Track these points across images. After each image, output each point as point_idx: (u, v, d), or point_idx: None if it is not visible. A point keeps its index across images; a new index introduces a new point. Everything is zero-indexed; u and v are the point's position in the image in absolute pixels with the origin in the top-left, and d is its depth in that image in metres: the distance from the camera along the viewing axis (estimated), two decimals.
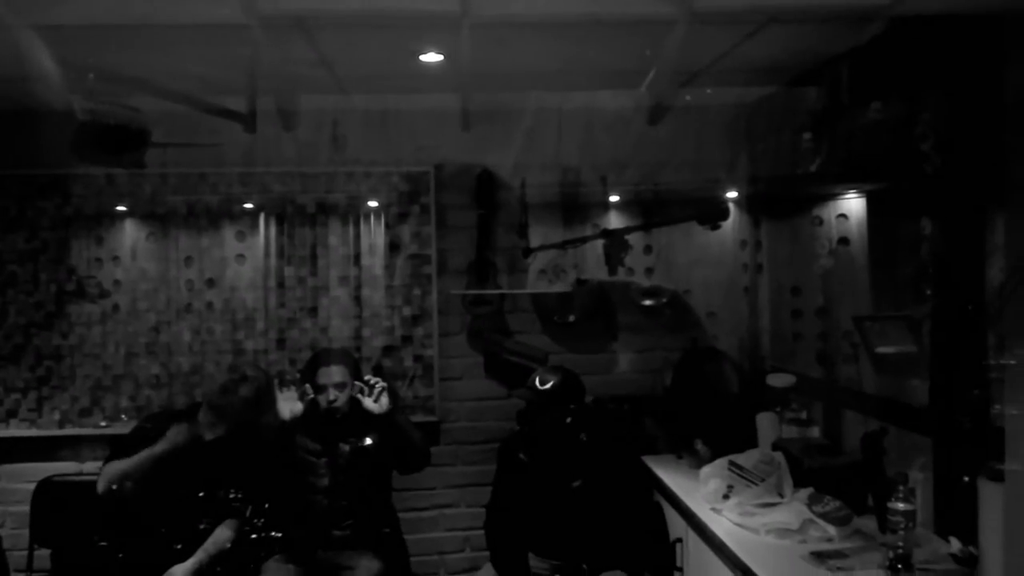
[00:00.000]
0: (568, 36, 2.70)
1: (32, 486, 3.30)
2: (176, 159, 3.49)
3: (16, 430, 3.43)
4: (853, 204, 2.96)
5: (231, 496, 2.92)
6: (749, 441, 2.95)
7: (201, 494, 2.90)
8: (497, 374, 3.60)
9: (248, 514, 2.92)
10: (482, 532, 3.07)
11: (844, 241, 2.99)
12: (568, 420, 2.83)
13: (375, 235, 3.57)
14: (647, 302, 3.56)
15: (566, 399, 2.82)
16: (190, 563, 2.78)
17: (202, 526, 2.87)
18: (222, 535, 2.88)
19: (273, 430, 2.92)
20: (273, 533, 2.87)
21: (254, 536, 2.89)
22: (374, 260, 3.57)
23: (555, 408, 2.81)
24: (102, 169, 3.44)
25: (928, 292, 2.45)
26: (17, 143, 3.39)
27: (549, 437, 2.86)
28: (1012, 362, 1.67)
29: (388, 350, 3.56)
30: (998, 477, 1.88)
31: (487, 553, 2.99)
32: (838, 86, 2.95)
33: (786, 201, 3.45)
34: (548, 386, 2.80)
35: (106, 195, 3.48)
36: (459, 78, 3.14)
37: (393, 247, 3.58)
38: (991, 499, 1.92)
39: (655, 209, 3.59)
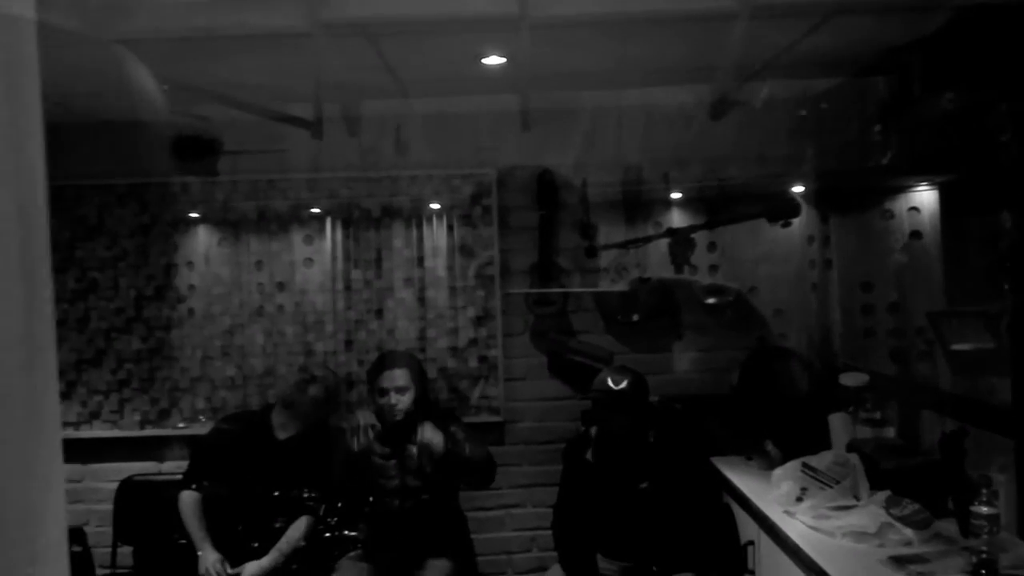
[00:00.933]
0: (627, 34, 2.69)
1: (115, 485, 3.43)
2: (247, 166, 3.58)
3: (99, 431, 3.57)
4: (925, 197, 2.88)
5: (305, 495, 2.99)
6: (821, 442, 2.89)
7: (276, 493, 2.98)
8: (561, 374, 3.60)
9: (322, 513, 2.98)
10: (548, 532, 3.08)
11: (916, 235, 2.90)
12: (637, 421, 2.82)
13: (439, 237, 3.61)
14: (711, 300, 3.52)
15: (635, 399, 2.81)
16: (266, 560, 2.86)
17: (277, 524, 2.94)
18: (296, 533, 2.95)
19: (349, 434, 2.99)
20: (347, 532, 2.93)
21: (328, 534, 2.96)
22: (438, 262, 3.61)
23: (624, 408, 2.80)
24: (177, 177, 3.56)
25: (1006, 286, 2.37)
26: (97, 154, 3.52)
27: (618, 438, 2.85)
28: None
29: (453, 351, 3.60)
30: None
31: (554, 553, 3.00)
32: (908, 76, 2.87)
33: (855, 195, 3.37)
34: (621, 386, 2.79)
35: (180, 202, 3.60)
36: (519, 79, 3.15)
37: (456, 249, 3.61)
38: None
39: (720, 206, 3.54)
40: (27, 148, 0.44)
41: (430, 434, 3.00)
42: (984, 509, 1.97)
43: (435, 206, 3.61)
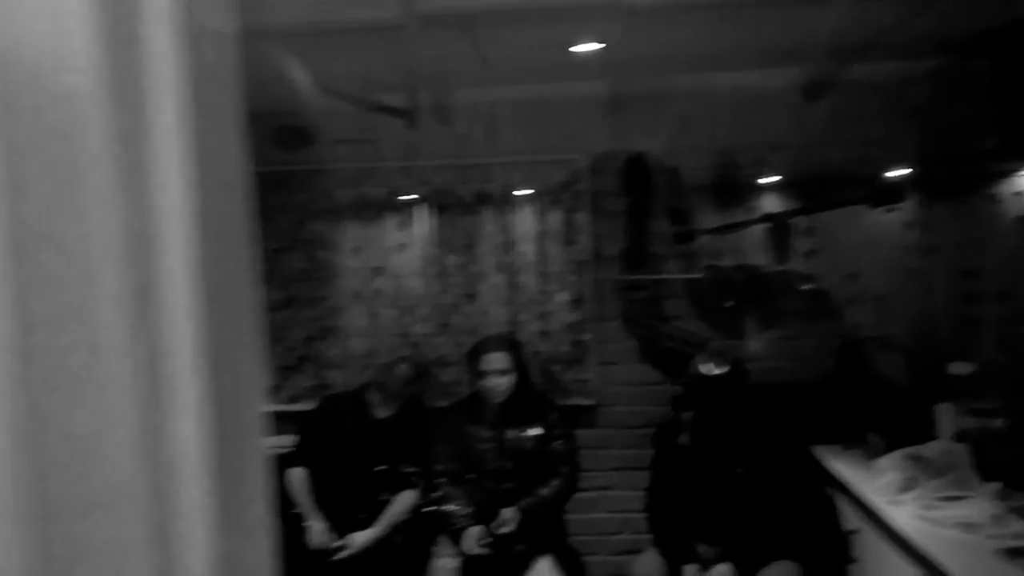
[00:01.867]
0: (721, 16, 2.66)
1: None
2: (343, 155, 3.70)
3: None
4: None
5: (408, 471, 3.10)
6: (926, 433, 2.81)
7: (380, 468, 3.09)
8: (652, 359, 3.60)
9: (424, 488, 3.08)
10: (639, 515, 3.09)
11: (1023, 220, 2.78)
12: (734, 406, 2.80)
13: (530, 222, 3.65)
14: (803, 287, 3.45)
15: (732, 385, 2.79)
16: (371, 531, 2.98)
17: (382, 498, 3.06)
18: (400, 507, 3.06)
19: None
20: (449, 507, 3.01)
21: (430, 509, 3.05)
22: (530, 247, 3.65)
23: (722, 394, 2.79)
24: (281, 166, 3.71)
25: None
26: None
27: (714, 423, 2.84)
28: None
29: (545, 335, 3.64)
30: None
31: (647, 536, 3.02)
32: (1011, 58, 2.75)
33: (958, 179, 3.25)
34: (719, 371, 2.78)
35: (285, 190, 3.74)
36: (611, 65, 3.15)
37: (548, 234, 3.64)
38: None
39: (816, 191, 3.47)
40: (234, 158, 0.48)
41: (527, 421, 3.06)
42: None
43: (527, 192, 3.65)
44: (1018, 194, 2.81)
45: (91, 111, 0.40)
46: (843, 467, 2.90)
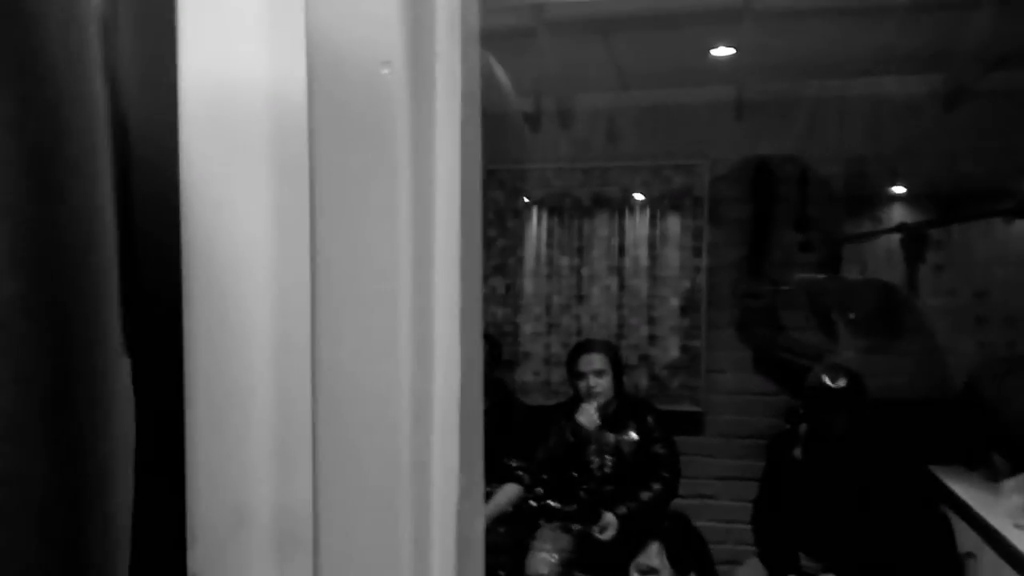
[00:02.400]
0: (857, 21, 2.62)
1: None
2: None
3: None
4: None
5: (513, 464, 3.18)
6: None
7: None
8: (767, 370, 3.56)
9: (528, 482, 3.16)
10: (743, 526, 3.07)
11: None
12: (852, 421, 2.75)
13: (647, 227, 3.68)
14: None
15: (852, 399, 2.74)
16: None
17: (487, 489, 3.15)
18: (504, 498, 3.14)
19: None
20: (551, 502, 3.08)
21: (533, 503, 3.13)
22: (644, 251, 3.68)
23: (840, 408, 2.74)
24: None
25: None
26: None
27: (831, 437, 2.79)
28: None
29: (653, 340, 3.66)
30: None
31: (749, 548, 2.99)
32: None
33: None
34: (838, 385, 2.73)
35: None
36: (741, 70, 3.15)
37: (664, 238, 3.66)
38: None
39: (952, 201, 3.34)
40: (479, 153, 0.58)
41: (626, 424, 3.11)
42: None
43: (644, 196, 3.68)
44: None
45: (397, 101, 0.49)
46: (965, 489, 2.80)
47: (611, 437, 3.12)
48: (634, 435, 3.12)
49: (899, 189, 3.42)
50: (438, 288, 0.53)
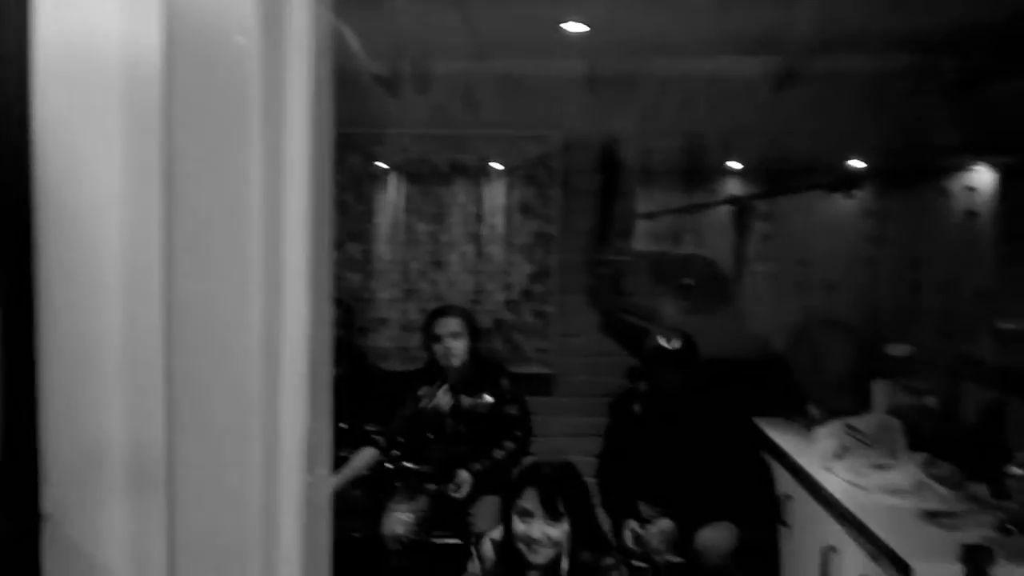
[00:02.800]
0: (701, 4, 2.78)
1: None
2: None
3: None
4: (982, 177, 2.94)
5: (369, 428, 3.22)
6: (863, 408, 3.02)
7: (342, 425, 3.20)
8: (613, 333, 3.76)
9: (384, 445, 3.21)
10: (592, 479, 3.26)
11: (971, 214, 2.97)
12: (686, 379, 2.97)
13: (503, 195, 3.77)
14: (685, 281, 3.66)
15: (685, 359, 2.96)
16: (328, 483, 3.09)
17: (342, 453, 3.17)
18: (360, 462, 3.18)
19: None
20: (407, 464, 3.15)
21: (389, 465, 3.18)
22: (500, 219, 3.77)
23: (675, 366, 2.95)
24: None
25: None
26: None
27: (667, 393, 3.01)
28: None
29: (509, 305, 3.77)
30: None
31: (598, 499, 3.18)
32: (974, 59, 2.92)
33: (914, 172, 3.44)
34: (673, 346, 2.94)
35: None
36: (592, 45, 3.26)
37: (518, 207, 3.76)
38: None
39: (780, 177, 3.63)
40: (330, 116, 0.61)
41: (481, 386, 3.22)
42: (1017, 471, 2.10)
43: (500, 165, 3.76)
44: (969, 189, 3.00)
45: (250, 69, 0.52)
46: (783, 438, 3.10)
47: (466, 400, 3.23)
48: (488, 397, 3.23)
49: (734, 164, 3.67)
50: (288, 238, 0.57)
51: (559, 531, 2.02)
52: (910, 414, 2.77)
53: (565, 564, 2.02)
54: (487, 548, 2.21)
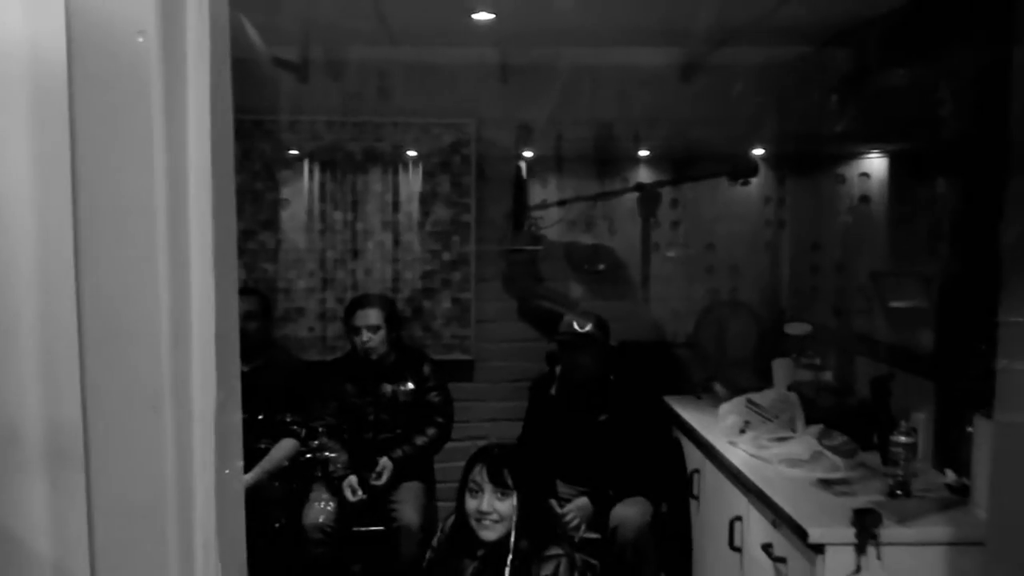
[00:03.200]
0: None
1: None
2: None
3: None
4: (875, 163, 3.12)
5: (288, 420, 3.19)
6: (764, 384, 3.17)
7: (260, 416, 3.17)
8: (529, 318, 3.82)
9: (304, 436, 3.19)
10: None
11: (865, 199, 3.15)
12: (598, 361, 3.06)
13: (418, 183, 3.78)
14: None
15: (597, 341, 3.05)
16: (249, 476, 3.06)
17: (262, 445, 3.14)
18: (279, 453, 3.15)
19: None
20: (328, 453, 3.14)
21: (308, 456, 3.17)
22: (417, 207, 3.78)
23: (587, 349, 3.04)
24: None
25: (942, 250, 2.64)
26: None
27: (580, 375, 3.09)
28: (1012, 319, 1.85)
29: (427, 293, 3.79)
30: (991, 416, 2.09)
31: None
32: (866, 50, 3.09)
33: (811, 159, 3.61)
34: (586, 329, 3.03)
35: None
36: (503, 34, 3.30)
37: (434, 195, 3.78)
38: (984, 436, 2.13)
39: (686, 165, 3.75)
40: (229, 105, 0.63)
41: (402, 375, 3.24)
42: (902, 439, 2.26)
43: (415, 153, 3.76)
44: (863, 175, 3.17)
45: (151, 67, 0.54)
46: (692, 413, 3.23)
47: (388, 388, 3.24)
48: (411, 384, 3.26)
49: (643, 152, 3.78)
50: (192, 224, 0.59)
51: (507, 505, 2.09)
52: (808, 389, 2.94)
53: (512, 543, 2.07)
54: (448, 523, 2.29)
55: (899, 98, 2.85)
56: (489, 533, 2.10)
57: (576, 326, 3.06)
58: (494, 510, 2.10)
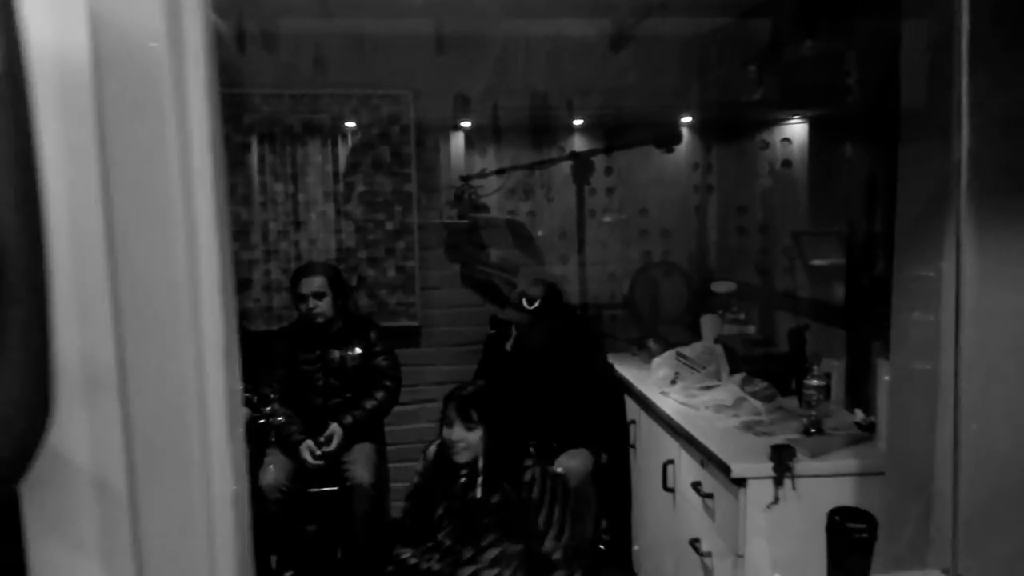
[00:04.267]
0: None
1: None
2: None
3: None
4: (797, 129, 3.31)
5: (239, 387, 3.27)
6: (695, 339, 3.38)
7: None
8: (472, 284, 3.95)
9: (255, 403, 3.28)
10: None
11: (787, 164, 3.35)
12: (550, 327, 3.21)
13: (359, 155, 3.85)
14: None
15: (548, 310, 3.19)
16: None
17: None
18: None
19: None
20: (279, 419, 3.24)
21: (261, 421, 3.26)
22: (359, 177, 3.85)
23: (539, 319, 3.18)
24: None
25: (855, 211, 2.85)
26: None
27: (535, 346, 3.23)
28: (903, 274, 2.06)
29: (372, 262, 3.89)
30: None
31: None
32: (782, 21, 3.27)
33: (734, 126, 3.81)
34: (534, 306, 3.17)
35: None
36: (434, 5, 3.38)
37: (375, 165, 3.86)
38: (885, 377, 2.37)
39: (616, 133, 3.91)
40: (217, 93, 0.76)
41: (349, 341, 3.36)
42: (815, 382, 2.48)
43: (354, 124, 3.83)
44: (785, 140, 3.37)
45: (163, 65, 0.65)
46: (629, 369, 3.43)
47: (336, 354, 3.35)
48: (358, 349, 3.37)
49: (576, 121, 3.92)
50: (198, 194, 0.71)
51: (474, 436, 2.53)
52: (733, 342, 3.15)
53: (482, 463, 2.53)
54: (431, 451, 2.74)
55: (812, 67, 3.03)
56: (460, 457, 2.53)
57: (525, 303, 3.19)
58: (463, 439, 2.53)
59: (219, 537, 0.76)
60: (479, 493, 2.51)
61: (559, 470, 2.85)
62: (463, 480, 2.55)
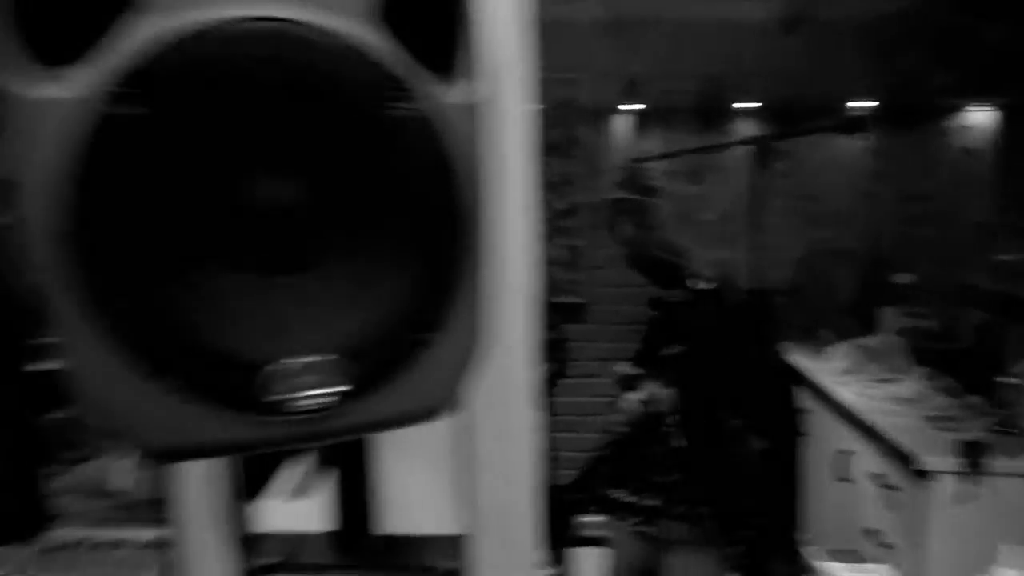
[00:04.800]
0: None
1: None
2: None
3: None
4: (980, 116, 3.19)
5: None
6: (868, 331, 3.34)
7: None
8: (638, 265, 4.04)
9: None
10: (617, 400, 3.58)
11: (970, 152, 3.23)
12: (721, 314, 3.26)
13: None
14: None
15: (720, 296, 3.24)
16: None
17: None
18: None
19: None
20: None
21: None
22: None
23: (711, 305, 3.24)
24: None
25: None
26: None
27: (699, 321, 3.30)
28: None
29: (543, 239, 4.04)
30: None
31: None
32: (966, 3, 3.13)
33: (915, 112, 3.68)
34: (704, 287, 3.22)
35: None
36: None
37: (546, 147, 4.00)
38: None
39: (791, 118, 3.86)
40: None
41: None
42: (1013, 381, 2.43)
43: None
44: (965, 127, 3.25)
45: None
46: (797, 358, 3.43)
47: None
48: None
49: (747, 105, 3.90)
50: None
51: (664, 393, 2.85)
52: (913, 335, 3.10)
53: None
54: (627, 402, 3.02)
55: (1000, 51, 2.90)
56: (660, 407, 2.83)
57: (697, 284, 3.24)
58: (659, 395, 2.85)
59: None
60: (682, 442, 2.71)
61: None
62: (664, 430, 2.74)
